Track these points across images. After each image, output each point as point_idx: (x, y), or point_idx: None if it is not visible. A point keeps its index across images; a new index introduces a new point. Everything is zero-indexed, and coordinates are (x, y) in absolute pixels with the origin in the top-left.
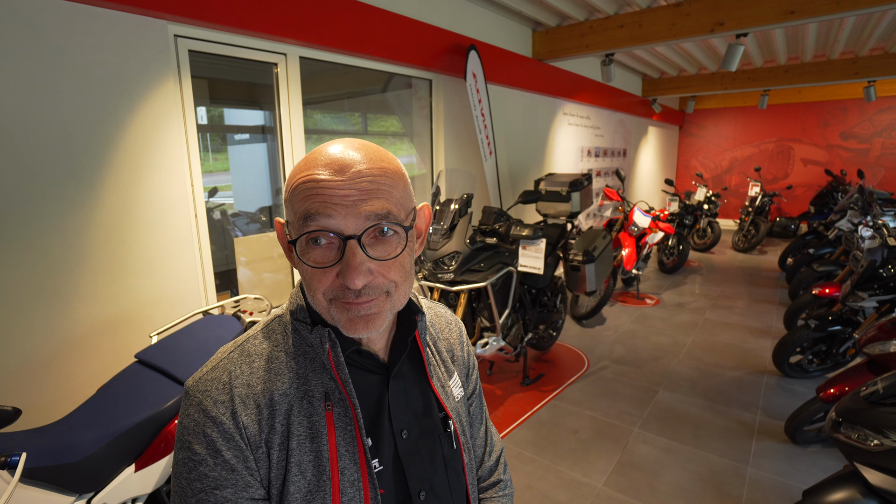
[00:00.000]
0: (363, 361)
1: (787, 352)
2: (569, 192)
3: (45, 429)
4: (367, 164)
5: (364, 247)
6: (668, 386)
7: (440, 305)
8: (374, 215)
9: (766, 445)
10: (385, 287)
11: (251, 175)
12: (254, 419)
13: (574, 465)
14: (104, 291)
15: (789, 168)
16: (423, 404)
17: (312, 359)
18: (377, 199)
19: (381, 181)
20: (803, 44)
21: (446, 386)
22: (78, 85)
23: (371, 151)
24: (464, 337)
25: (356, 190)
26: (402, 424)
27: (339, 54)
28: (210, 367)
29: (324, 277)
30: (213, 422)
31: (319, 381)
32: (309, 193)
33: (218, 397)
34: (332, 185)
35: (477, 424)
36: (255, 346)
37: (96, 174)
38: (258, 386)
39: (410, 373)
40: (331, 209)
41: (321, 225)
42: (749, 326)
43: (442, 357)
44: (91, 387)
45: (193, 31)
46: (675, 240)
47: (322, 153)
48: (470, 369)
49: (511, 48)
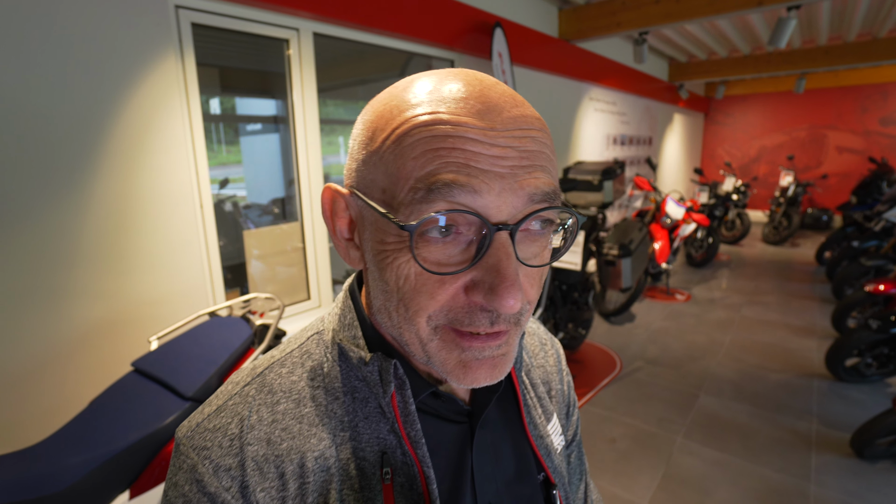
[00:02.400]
0: (440, 408)
1: (842, 354)
2: (601, 180)
3: (26, 452)
4: (523, 108)
5: (515, 245)
6: (709, 390)
7: (532, 319)
8: (539, 194)
9: (828, 459)
10: (522, 312)
11: (264, 166)
12: (275, 496)
13: (614, 480)
14: (99, 290)
15: (822, 156)
16: (518, 464)
17: (366, 400)
18: (540, 167)
19: (543, 139)
20: (851, 20)
21: (545, 435)
22: (64, 62)
23: (516, 94)
24: (562, 363)
25: (516, 150)
26: (490, 496)
27: (356, 30)
28: (214, 409)
29: (440, 290)
30: (210, 501)
31: (374, 434)
32: (436, 147)
33: (221, 461)
34: (479, 136)
35: (576, 482)
36: (282, 378)
37: (88, 161)
38: (283, 442)
39: (500, 419)
40: (478, 177)
41: (459, 202)
42: (790, 325)
43: (537, 392)
44: (83, 398)
45: (196, 0)
46: (705, 232)
47: (440, 80)
48: (570, 407)
49: (536, 27)
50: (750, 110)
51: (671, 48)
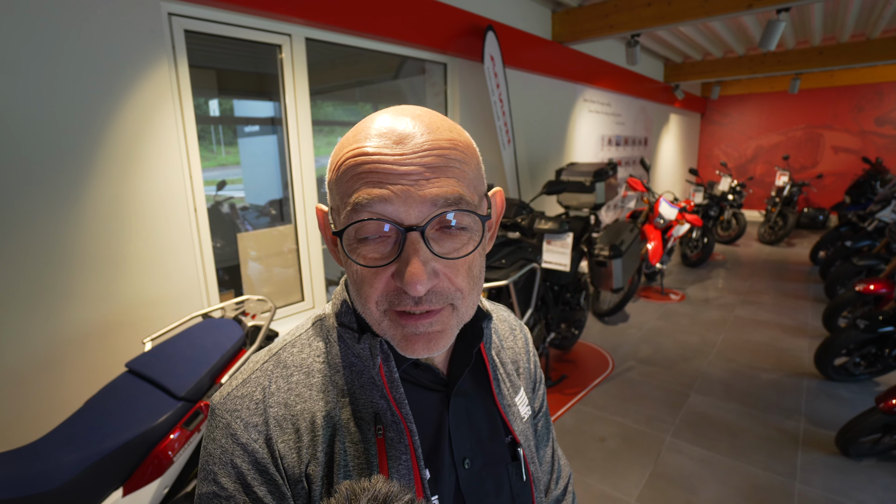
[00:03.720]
0: (420, 377)
1: (831, 354)
2: (593, 182)
3: (22, 451)
4: (433, 133)
5: (428, 241)
6: (700, 389)
7: (502, 308)
8: (442, 200)
9: (814, 458)
10: (450, 296)
11: (261, 167)
12: (292, 447)
13: (603, 478)
14: (94, 293)
15: (819, 156)
16: (489, 427)
17: (360, 372)
18: (447, 179)
19: (452, 155)
20: (843, 21)
21: (513, 405)
22: (61, 69)
23: (437, 119)
24: (530, 345)
25: (421, 166)
26: (465, 452)
27: (348, 35)
28: (240, 381)
29: (376, 280)
30: (243, 450)
31: (368, 399)
32: (359, 171)
33: (250, 419)
34: (390, 160)
35: (543, 446)
36: (294, 356)
37: (83, 166)
38: (297, 405)
39: (473, 390)
40: (388, 191)
41: (376, 212)
42: (783, 324)
43: (507, 370)
44: (79, 398)
45: (189, 8)
46: (700, 232)
47: (375, 121)
48: (536, 383)
49: (529, 30)
50: (746, 110)
51: (666, 49)
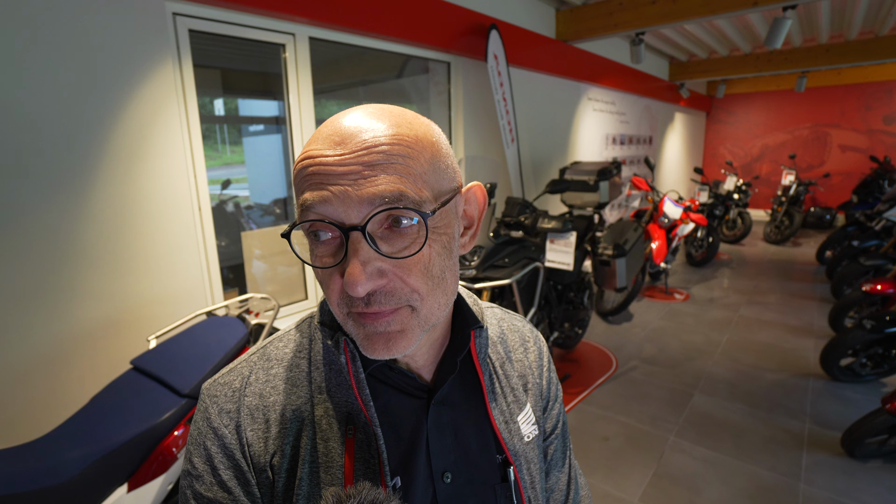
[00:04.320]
0: (398, 380)
1: (837, 354)
2: (597, 181)
3: (28, 447)
4: (377, 131)
5: (375, 240)
6: (704, 389)
7: (518, 317)
8: (379, 198)
9: (820, 459)
10: (405, 297)
11: (266, 166)
12: (260, 436)
13: (606, 478)
14: (99, 290)
15: (825, 155)
16: (479, 443)
17: (339, 371)
18: (385, 176)
19: (395, 151)
20: (851, 18)
21: (512, 421)
22: (67, 70)
23: (390, 116)
24: (544, 359)
25: (359, 165)
26: (445, 465)
27: (352, 34)
28: (228, 370)
29: (331, 281)
30: (214, 434)
31: (344, 398)
32: (305, 174)
33: (225, 406)
34: (330, 162)
35: (556, 471)
36: (278, 350)
37: (88, 166)
38: (271, 397)
39: (464, 401)
40: (328, 192)
41: (319, 213)
42: (788, 324)
43: (511, 383)
44: (85, 394)
45: (193, 8)
46: (705, 231)
47: (327, 124)
48: (549, 401)
49: (533, 28)
50: (752, 109)
51: (671, 47)
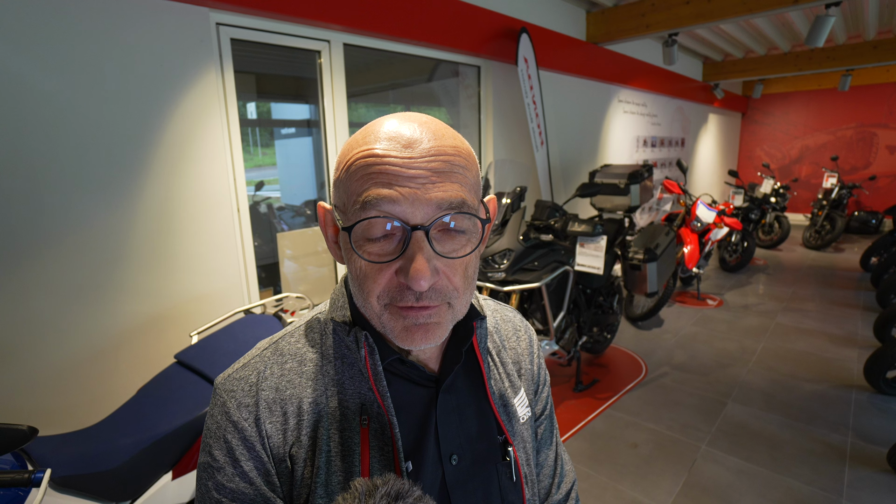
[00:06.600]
0: (408, 372)
1: (883, 366)
2: (627, 184)
3: (82, 433)
4: (439, 140)
5: (431, 240)
6: (738, 398)
7: (509, 308)
8: (447, 203)
9: (864, 475)
10: (447, 294)
11: (297, 168)
12: (278, 428)
13: (635, 485)
14: (146, 288)
15: (871, 157)
16: (480, 425)
17: (351, 364)
18: (451, 184)
19: (456, 161)
20: None
21: (509, 405)
22: (120, 80)
23: (440, 127)
24: (534, 347)
25: (427, 170)
26: (452, 448)
27: (384, 40)
28: (241, 365)
29: (380, 276)
30: (234, 427)
31: (357, 390)
32: (369, 172)
33: (243, 400)
34: (399, 163)
35: (545, 449)
36: (290, 345)
37: (138, 170)
38: (287, 390)
39: (466, 387)
40: (397, 192)
41: (384, 211)
42: (829, 333)
43: (507, 370)
44: (133, 385)
45: (235, 18)
46: (739, 236)
47: (383, 125)
48: (539, 385)
49: (563, 31)
50: (791, 109)
51: (705, 47)
